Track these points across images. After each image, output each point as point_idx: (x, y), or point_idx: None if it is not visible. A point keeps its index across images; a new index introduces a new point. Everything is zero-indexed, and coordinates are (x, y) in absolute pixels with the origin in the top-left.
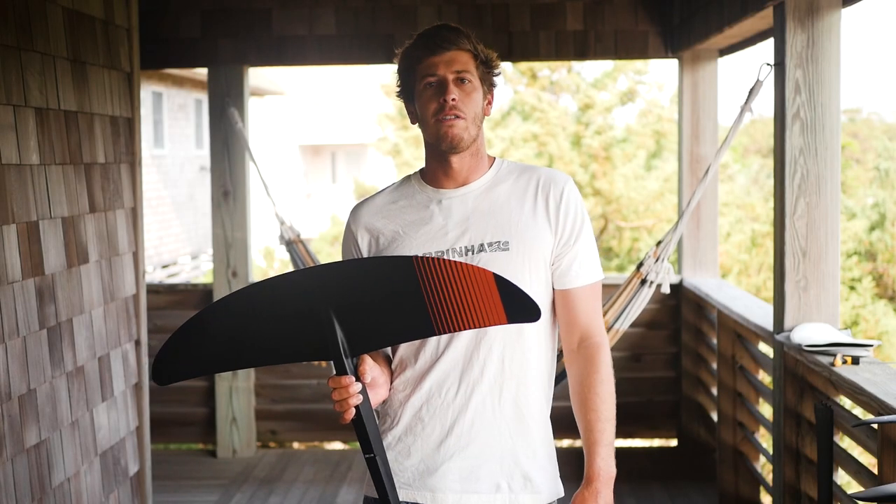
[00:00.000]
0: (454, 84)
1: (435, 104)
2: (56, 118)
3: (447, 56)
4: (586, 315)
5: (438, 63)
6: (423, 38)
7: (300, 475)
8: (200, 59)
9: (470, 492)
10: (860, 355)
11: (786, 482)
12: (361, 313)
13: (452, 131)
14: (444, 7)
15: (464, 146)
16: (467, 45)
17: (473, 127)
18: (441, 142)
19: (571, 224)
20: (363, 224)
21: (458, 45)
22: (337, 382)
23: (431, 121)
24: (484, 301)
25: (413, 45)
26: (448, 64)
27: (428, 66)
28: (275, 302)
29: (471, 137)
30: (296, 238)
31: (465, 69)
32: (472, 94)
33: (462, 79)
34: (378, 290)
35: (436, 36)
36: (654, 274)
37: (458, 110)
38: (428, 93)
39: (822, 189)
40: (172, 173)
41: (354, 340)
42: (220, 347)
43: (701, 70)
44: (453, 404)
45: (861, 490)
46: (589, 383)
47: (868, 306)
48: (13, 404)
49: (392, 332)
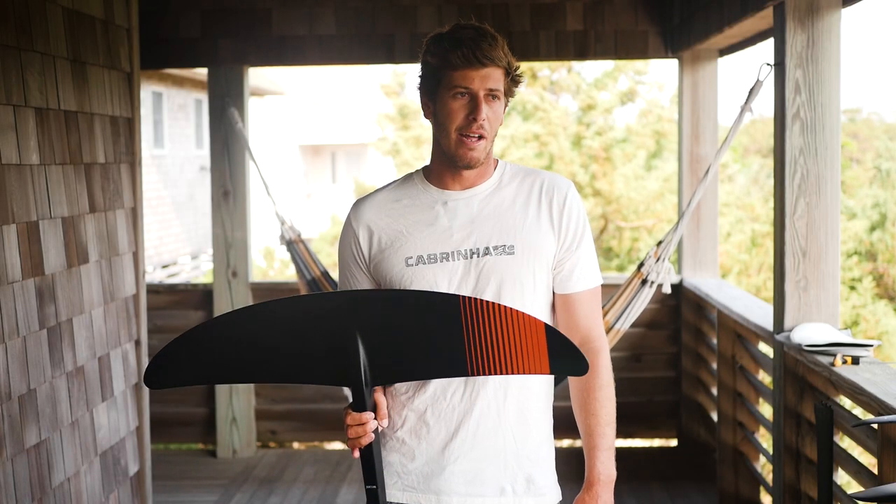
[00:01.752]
0: (485, 101)
1: (462, 118)
2: (56, 118)
3: (484, 72)
4: (586, 319)
5: (474, 77)
6: (463, 46)
7: (300, 475)
8: (200, 59)
9: (475, 495)
10: (860, 355)
11: (786, 482)
12: (390, 344)
13: (472, 154)
14: (444, 7)
15: (479, 165)
16: (503, 62)
17: (491, 143)
18: (458, 160)
19: (574, 229)
20: (364, 221)
21: (495, 63)
22: (356, 420)
23: (454, 134)
24: (529, 350)
25: (450, 46)
26: (483, 80)
27: (462, 76)
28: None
29: (486, 154)
30: (296, 238)
31: (497, 87)
32: (498, 110)
33: (493, 95)
34: (414, 324)
35: (477, 49)
36: (654, 274)
37: (484, 130)
38: (456, 103)
39: (822, 189)
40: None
41: (377, 371)
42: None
43: (701, 70)
44: (458, 407)
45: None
46: (589, 388)
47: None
48: (13, 404)
49: (419, 368)
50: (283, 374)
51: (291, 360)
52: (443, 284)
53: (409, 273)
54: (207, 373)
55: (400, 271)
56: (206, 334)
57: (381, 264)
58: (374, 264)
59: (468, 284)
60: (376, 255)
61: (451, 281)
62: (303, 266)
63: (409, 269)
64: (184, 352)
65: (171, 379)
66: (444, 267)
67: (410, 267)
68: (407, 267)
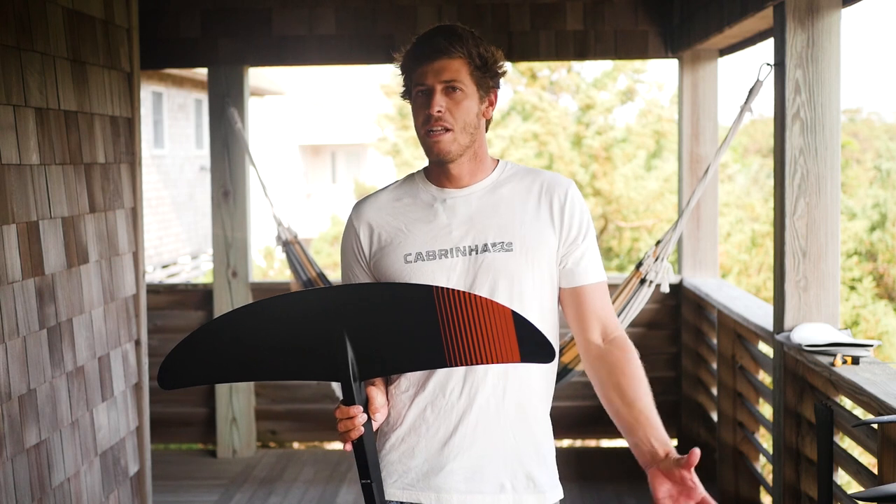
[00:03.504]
0: (442, 94)
1: (423, 115)
2: (56, 118)
3: (437, 65)
4: (603, 310)
5: (427, 72)
6: (417, 45)
7: (300, 475)
8: (200, 59)
9: (474, 492)
10: (860, 355)
11: (786, 482)
12: (375, 338)
13: (439, 146)
14: (444, 7)
15: (453, 157)
16: (459, 52)
17: (464, 136)
18: (430, 154)
19: (578, 224)
20: (365, 220)
21: (448, 54)
22: (344, 413)
23: (421, 131)
24: (499, 338)
25: (409, 50)
26: (437, 73)
27: (419, 74)
28: (289, 318)
29: (461, 147)
30: (293, 239)
31: (455, 78)
32: (463, 102)
33: (452, 87)
34: (394, 316)
35: (427, 44)
36: (653, 273)
37: (444, 122)
38: (418, 101)
39: (822, 189)
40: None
41: (364, 365)
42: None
43: (701, 70)
44: (458, 405)
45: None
46: (631, 371)
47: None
48: (13, 404)
49: (403, 360)
50: (276, 372)
51: (283, 357)
52: (441, 281)
53: (408, 270)
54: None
55: (399, 268)
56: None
57: (381, 262)
58: (374, 262)
59: (467, 281)
60: (376, 252)
61: (449, 278)
62: (299, 267)
63: (407, 266)
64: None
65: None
66: (443, 264)
67: (409, 264)
68: (406, 264)
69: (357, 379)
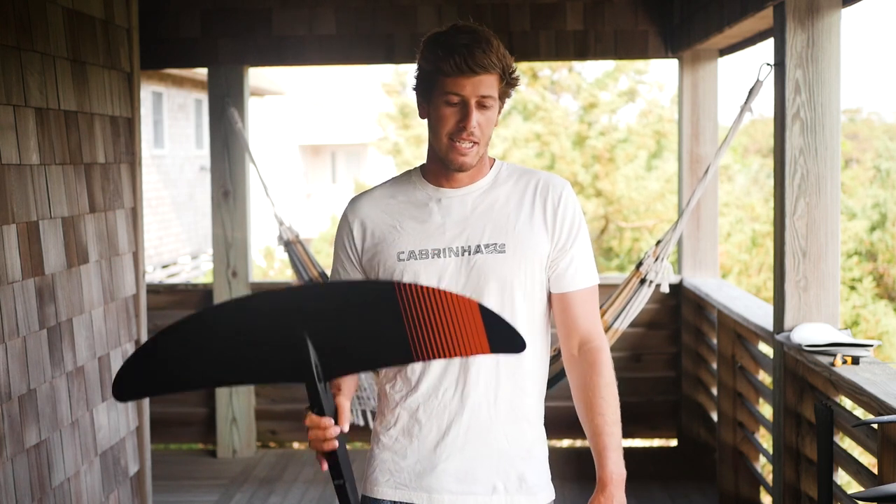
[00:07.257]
0: (476, 109)
1: (452, 124)
2: (56, 118)
3: (476, 79)
4: (585, 319)
5: (466, 84)
6: (455, 54)
7: (300, 475)
8: (200, 59)
9: (466, 493)
10: (860, 355)
11: (786, 482)
12: (337, 337)
13: (464, 159)
14: (444, 7)
15: (470, 167)
16: (497, 68)
17: (484, 147)
18: (450, 164)
19: (568, 228)
20: (359, 216)
21: (487, 70)
22: (314, 423)
23: (445, 139)
24: (467, 331)
25: (444, 54)
26: (475, 87)
27: (454, 83)
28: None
29: (479, 157)
30: (294, 239)
31: (489, 93)
32: (490, 114)
33: (485, 102)
34: (356, 314)
35: (469, 57)
36: (653, 273)
37: (475, 136)
38: (448, 109)
39: (822, 189)
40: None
41: (329, 364)
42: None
43: (701, 70)
44: (450, 406)
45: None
46: (593, 387)
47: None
48: (13, 404)
49: (368, 358)
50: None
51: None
52: (433, 281)
53: (401, 268)
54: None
55: (392, 265)
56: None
57: (374, 258)
58: (366, 258)
59: (459, 282)
60: (369, 248)
61: (441, 278)
62: (300, 267)
63: (400, 264)
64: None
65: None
66: (435, 263)
67: (402, 262)
68: (398, 262)
69: (321, 379)
